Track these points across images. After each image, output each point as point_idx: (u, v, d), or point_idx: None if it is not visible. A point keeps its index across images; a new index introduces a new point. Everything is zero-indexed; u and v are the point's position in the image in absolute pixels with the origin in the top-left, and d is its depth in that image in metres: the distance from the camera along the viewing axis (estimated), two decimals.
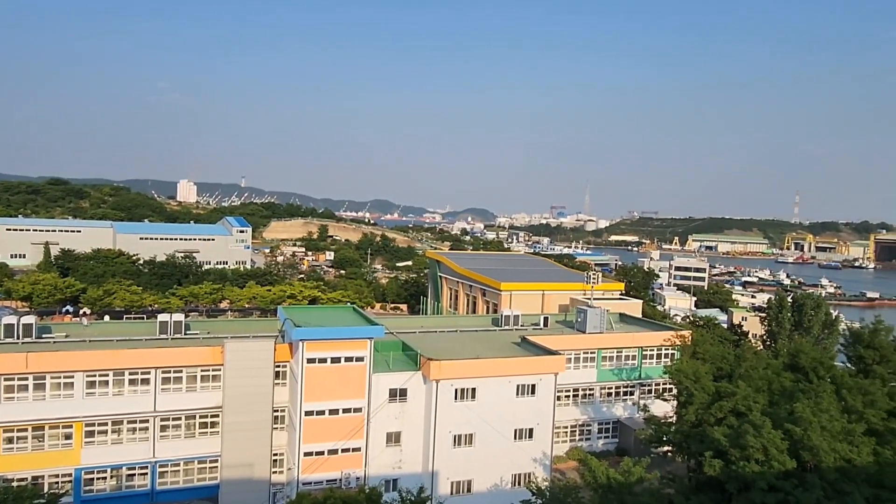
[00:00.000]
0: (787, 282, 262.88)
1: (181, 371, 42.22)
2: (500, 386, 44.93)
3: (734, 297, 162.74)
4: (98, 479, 41.16)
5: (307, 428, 41.19)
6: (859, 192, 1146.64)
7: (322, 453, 41.55)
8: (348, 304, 72.71)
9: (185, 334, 47.40)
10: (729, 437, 34.14)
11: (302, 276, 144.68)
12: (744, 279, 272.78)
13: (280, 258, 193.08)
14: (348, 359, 42.10)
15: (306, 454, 41.29)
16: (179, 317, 48.21)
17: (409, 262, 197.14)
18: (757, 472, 31.72)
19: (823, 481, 31.36)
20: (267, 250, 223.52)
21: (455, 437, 43.74)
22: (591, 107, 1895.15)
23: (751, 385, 39.91)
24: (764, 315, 79.52)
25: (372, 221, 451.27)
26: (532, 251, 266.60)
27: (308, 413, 41.27)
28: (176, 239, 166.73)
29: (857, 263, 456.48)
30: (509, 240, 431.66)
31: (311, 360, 41.23)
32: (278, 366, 43.99)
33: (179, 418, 42.48)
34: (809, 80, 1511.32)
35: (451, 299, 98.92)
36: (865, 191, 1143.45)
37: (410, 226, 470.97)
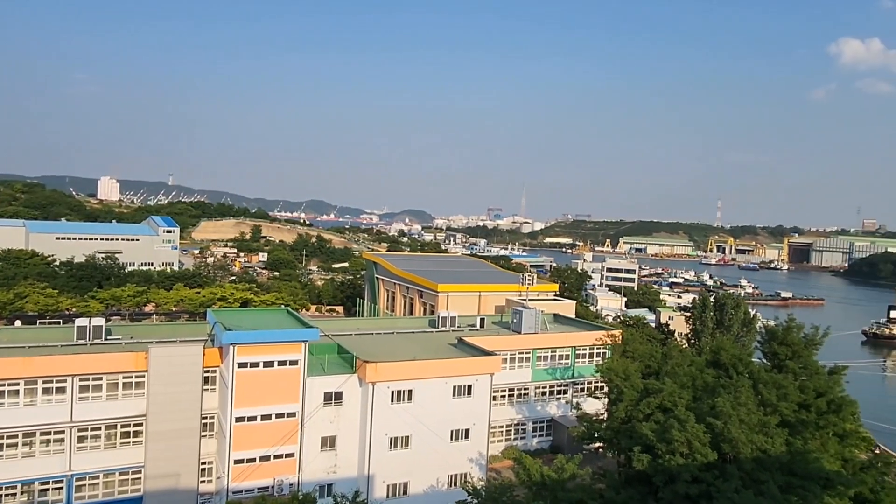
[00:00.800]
0: (710, 282, 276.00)
1: (101, 378, 39.92)
2: (437, 387, 44.97)
3: (662, 297, 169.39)
4: (7, 496, 38.33)
5: (238, 434, 39.87)
6: (775, 198, 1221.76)
7: (254, 460, 40.33)
8: (282, 306, 70.97)
9: (106, 339, 44.90)
10: (656, 432, 35.44)
11: (233, 277, 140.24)
12: (671, 280, 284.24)
13: (210, 259, 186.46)
14: (282, 362, 41.08)
15: (237, 462, 39.97)
16: (99, 321, 45.63)
17: (346, 264, 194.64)
18: (681, 465, 33.06)
19: (741, 471, 33.03)
20: (196, 251, 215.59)
21: (391, 439, 43.44)
22: (528, 110, 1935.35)
23: (676, 382, 41.58)
24: (689, 314, 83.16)
25: (307, 222, 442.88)
26: (469, 253, 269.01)
27: (239, 419, 39.95)
28: (96, 239, 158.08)
29: (772, 265, 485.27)
30: (447, 241, 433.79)
31: (242, 365, 39.96)
32: (207, 371, 42.36)
33: (99, 428, 40.15)
34: (730, 92, 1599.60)
35: (388, 301, 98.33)
36: (780, 197, 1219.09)
37: (347, 227, 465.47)
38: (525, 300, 67.53)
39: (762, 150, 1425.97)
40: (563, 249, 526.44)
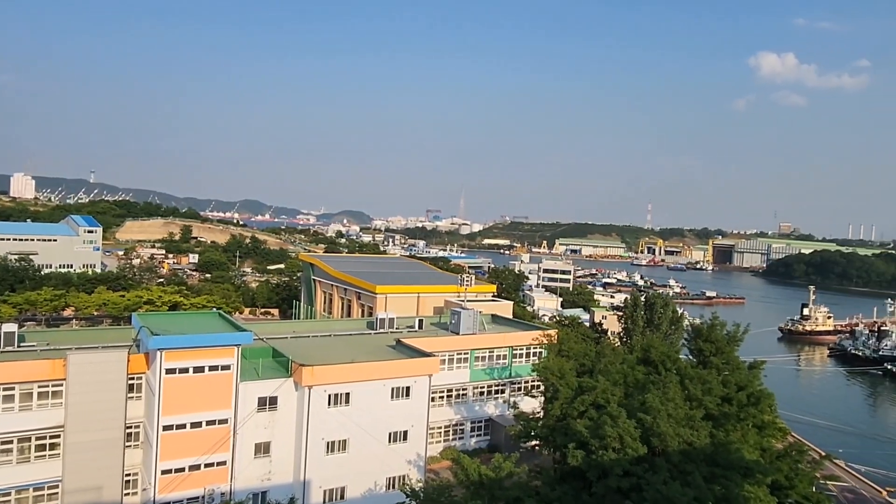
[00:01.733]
0: (640, 283, 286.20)
1: (13, 388, 37.28)
2: (375, 389, 44.57)
3: (595, 297, 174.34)
4: None
5: (165, 443, 38.18)
6: (701, 202, 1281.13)
7: (183, 470, 38.74)
8: (214, 309, 68.58)
9: (19, 346, 42.00)
10: (590, 428, 36.38)
11: (161, 280, 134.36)
12: (604, 280, 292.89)
13: (136, 261, 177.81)
14: (213, 367, 39.64)
15: (164, 472, 38.28)
16: (11, 327, 42.63)
17: (282, 265, 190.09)
18: (613, 460, 34.07)
19: (669, 463, 34.34)
20: (121, 252, 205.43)
21: (328, 443, 42.71)
22: (465, 112, 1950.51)
23: (609, 379, 42.84)
24: (621, 314, 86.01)
25: (241, 222, 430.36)
26: (408, 254, 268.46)
27: (167, 427, 38.27)
28: (8, 239, 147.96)
29: (698, 266, 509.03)
30: (385, 243, 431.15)
31: (170, 371, 38.29)
32: (133, 378, 40.34)
33: (10, 441, 37.49)
34: (660, 100, 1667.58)
35: (325, 303, 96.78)
36: (706, 201, 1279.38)
37: (283, 227, 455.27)
38: (463, 301, 68.00)
39: (689, 156, 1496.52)
40: (501, 251, 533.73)
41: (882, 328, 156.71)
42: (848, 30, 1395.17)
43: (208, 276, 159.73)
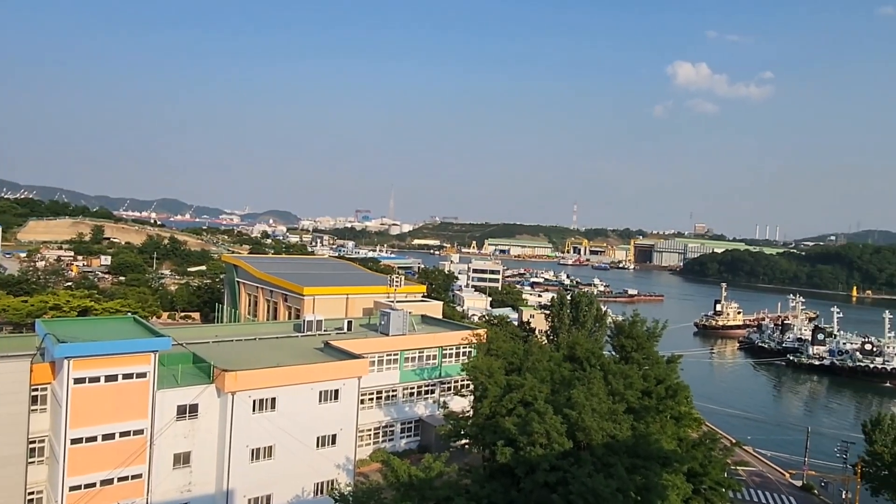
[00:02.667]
0: (567, 282, 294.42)
1: None
2: (303, 393, 43.54)
3: (524, 296, 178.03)
4: None
5: (74, 458, 35.74)
6: (624, 203, 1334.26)
7: (93, 485, 36.37)
8: (128, 314, 65.03)
9: None
10: (518, 425, 36.99)
11: (70, 283, 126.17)
12: (532, 280, 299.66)
13: (41, 263, 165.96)
14: (127, 375, 37.45)
15: (73, 488, 35.83)
16: None
17: (203, 267, 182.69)
18: (541, 455, 34.77)
19: (594, 457, 35.44)
20: (23, 254, 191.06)
21: (253, 450, 41.32)
22: (394, 113, 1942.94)
23: (536, 377, 43.72)
24: (548, 312, 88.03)
25: (159, 222, 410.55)
26: (336, 255, 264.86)
27: (76, 441, 35.83)
28: None
29: (621, 265, 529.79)
30: (313, 243, 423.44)
31: (79, 381, 35.86)
32: (36, 389, 37.56)
33: None
34: (584, 103, 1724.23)
35: (250, 306, 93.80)
36: (628, 202, 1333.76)
37: (205, 228, 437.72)
38: (393, 302, 67.63)
39: (613, 159, 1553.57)
40: (431, 251, 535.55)
41: (785, 322, 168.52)
42: (754, 43, 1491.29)
43: (122, 279, 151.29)
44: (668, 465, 36.65)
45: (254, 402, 41.17)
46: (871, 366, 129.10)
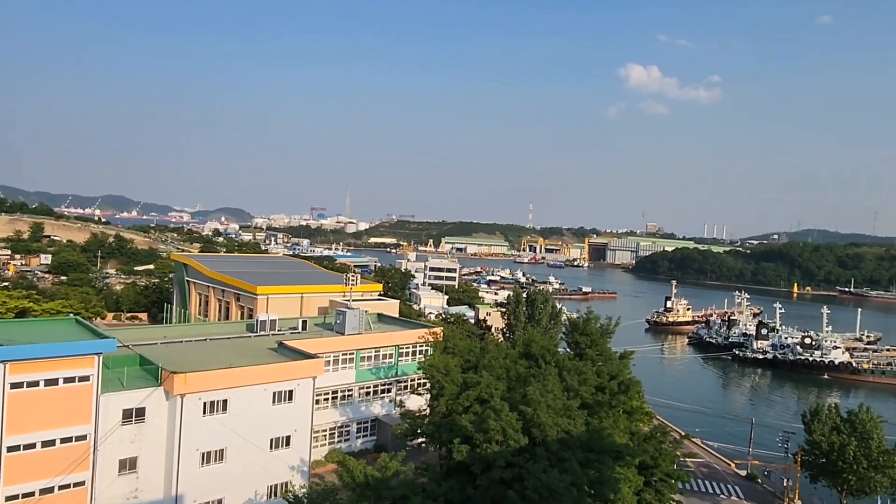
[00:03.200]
0: (523, 280, 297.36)
1: None
2: (255, 395, 42.64)
3: (480, 294, 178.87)
4: None
5: (10, 466, 34.04)
6: (578, 202, 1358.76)
7: (32, 494, 34.74)
8: (70, 315, 62.40)
9: None
10: (474, 423, 37.14)
11: (7, 283, 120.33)
12: (488, 278, 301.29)
13: None
14: (68, 379, 35.91)
15: (9, 498, 34.13)
16: None
17: (151, 266, 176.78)
18: (497, 452, 35.00)
19: (549, 452, 35.88)
20: None
21: (203, 454, 40.23)
22: (352, 111, 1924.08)
23: (493, 374, 44.01)
24: (504, 310, 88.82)
25: (104, 220, 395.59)
26: (291, 253, 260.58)
27: (12, 448, 34.13)
28: None
29: (575, 263, 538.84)
30: (267, 241, 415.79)
31: (16, 385, 34.19)
32: None
33: None
34: (539, 104, 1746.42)
35: (200, 306, 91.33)
36: (583, 201, 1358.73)
37: (153, 225, 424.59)
38: (349, 301, 66.96)
39: (567, 159, 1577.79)
40: (388, 249, 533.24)
41: (731, 318, 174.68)
42: (702, 48, 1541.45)
43: (64, 278, 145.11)
44: (620, 458, 37.43)
45: (204, 404, 40.09)
46: (811, 359, 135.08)
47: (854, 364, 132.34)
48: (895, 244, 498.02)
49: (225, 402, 41.10)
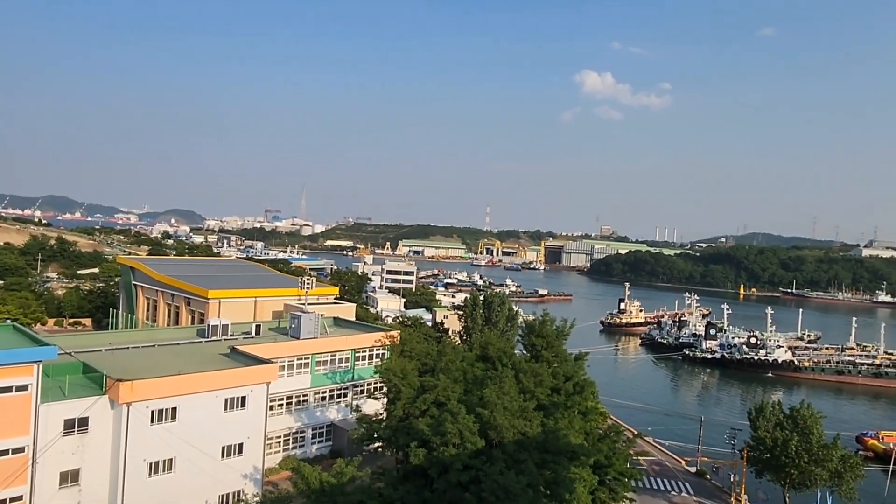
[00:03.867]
0: (480, 282, 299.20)
1: None
2: (206, 402, 41.45)
3: (438, 297, 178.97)
4: None
5: None
6: (535, 205, 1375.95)
7: None
8: (7, 321, 59.35)
9: None
10: (431, 426, 36.99)
11: None
12: (446, 281, 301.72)
13: None
14: (5, 389, 34.21)
15: None
16: None
17: (96, 270, 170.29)
18: (454, 455, 34.95)
19: (505, 454, 36.04)
20: None
21: (151, 464, 38.86)
22: (307, 112, 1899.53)
23: (450, 377, 43.98)
24: (461, 313, 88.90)
25: (45, 221, 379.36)
26: (244, 256, 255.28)
27: None
28: None
29: (532, 266, 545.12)
30: (219, 244, 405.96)
31: None
32: None
33: None
34: (495, 107, 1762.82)
35: (148, 311, 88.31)
36: (539, 205, 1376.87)
37: (98, 227, 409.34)
38: (304, 304, 65.88)
39: (524, 162, 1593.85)
40: (344, 252, 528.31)
41: (682, 319, 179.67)
42: (654, 56, 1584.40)
43: (0, 283, 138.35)
44: (575, 458, 37.91)
45: (152, 412, 38.74)
46: (756, 358, 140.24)
47: (796, 362, 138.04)
48: (832, 247, 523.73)
49: (174, 409, 39.80)
